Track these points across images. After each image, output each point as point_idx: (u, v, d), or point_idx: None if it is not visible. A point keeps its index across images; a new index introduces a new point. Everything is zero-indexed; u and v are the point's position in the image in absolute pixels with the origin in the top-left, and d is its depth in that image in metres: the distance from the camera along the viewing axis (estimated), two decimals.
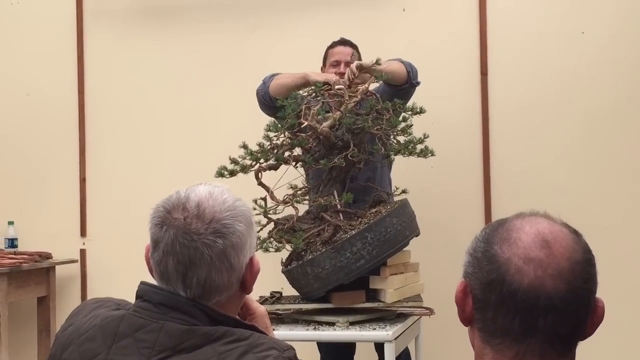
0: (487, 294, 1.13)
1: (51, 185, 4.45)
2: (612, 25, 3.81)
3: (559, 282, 1.09)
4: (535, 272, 1.09)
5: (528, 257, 1.10)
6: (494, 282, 1.12)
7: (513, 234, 1.14)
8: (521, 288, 1.09)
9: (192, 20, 4.31)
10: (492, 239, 1.15)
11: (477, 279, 1.15)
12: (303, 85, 3.17)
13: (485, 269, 1.13)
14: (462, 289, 1.18)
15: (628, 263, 3.70)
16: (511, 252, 1.12)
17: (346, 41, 3.53)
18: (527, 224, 1.15)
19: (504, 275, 1.11)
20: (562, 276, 1.10)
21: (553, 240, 1.12)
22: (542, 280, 1.09)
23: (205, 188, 1.42)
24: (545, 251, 1.11)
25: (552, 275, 1.09)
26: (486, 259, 1.14)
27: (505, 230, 1.15)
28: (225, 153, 2.95)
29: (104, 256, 4.36)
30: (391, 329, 2.70)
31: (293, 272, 2.84)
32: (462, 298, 1.18)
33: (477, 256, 1.16)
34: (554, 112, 3.84)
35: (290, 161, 2.92)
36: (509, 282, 1.10)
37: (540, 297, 1.09)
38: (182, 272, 1.35)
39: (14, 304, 4.16)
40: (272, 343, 1.33)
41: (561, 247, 1.12)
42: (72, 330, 1.41)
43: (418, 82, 3.32)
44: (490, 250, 1.14)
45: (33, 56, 4.51)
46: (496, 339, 1.13)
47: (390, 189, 3.35)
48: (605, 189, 3.77)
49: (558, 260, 1.10)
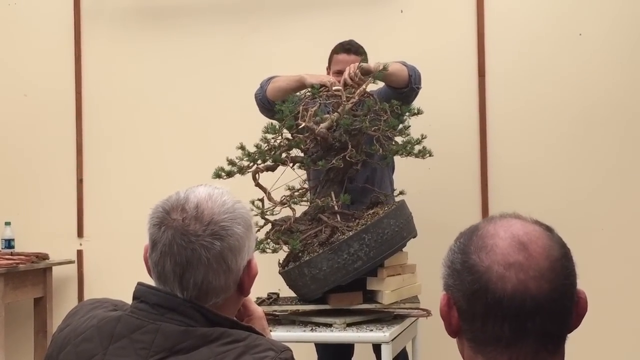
0: (473, 305, 1.13)
1: (48, 186, 4.45)
2: (609, 27, 3.82)
3: (542, 283, 1.09)
4: (517, 277, 1.09)
5: (508, 263, 1.10)
6: (478, 292, 1.11)
7: (489, 241, 1.13)
8: (506, 294, 1.09)
9: (190, 21, 4.30)
10: (468, 248, 1.15)
11: (459, 290, 1.14)
12: (299, 88, 3.17)
13: (466, 280, 1.13)
14: (445, 302, 1.17)
15: (626, 263, 3.70)
16: (490, 259, 1.11)
17: (351, 49, 3.36)
18: (500, 228, 1.15)
19: (486, 284, 1.11)
20: (544, 276, 1.10)
21: (529, 242, 1.12)
22: (525, 284, 1.09)
23: (205, 189, 1.42)
24: (523, 254, 1.11)
25: (534, 277, 1.09)
26: (466, 270, 1.13)
27: (479, 238, 1.15)
28: (222, 154, 2.95)
29: (101, 257, 4.36)
30: (388, 330, 2.70)
31: (290, 273, 2.84)
32: (446, 311, 1.17)
33: (455, 268, 1.16)
34: (551, 114, 3.84)
35: (288, 162, 2.92)
36: (492, 290, 1.10)
37: (526, 300, 1.09)
38: (179, 273, 1.35)
39: (10, 305, 4.15)
40: (269, 344, 1.33)
41: (538, 247, 1.12)
42: (69, 331, 1.41)
43: (419, 87, 3.29)
44: (468, 260, 1.14)
45: (30, 56, 4.51)
46: (487, 347, 1.13)
47: (390, 191, 3.34)
48: (602, 190, 3.77)
49: (537, 260, 1.11)
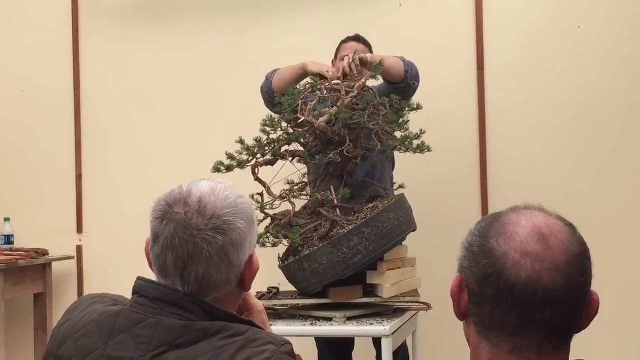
0: (484, 289, 1.13)
1: (47, 182, 4.45)
2: (608, 20, 3.81)
3: (556, 276, 1.09)
4: (533, 266, 1.09)
5: (525, 251, 1.10)
6: (491, 277, 1.11)
7: (509, 228, 1.14)
8: (518, 282, 1.09)
9: (187, 17, 4.30)
10: (488, 232, 1.15)
11: (473, 273, 1.14)
12: (303, 76, 3.17)
13: (481, 263, 1.13)
14: (457, 283, 1.17)
15: (623, 256, 3.70)
16: (508, 246, 1.12)
17: (359, 37, 3.47)
18: (522, 217, 1.15)
19: (501, 269, 1.11)
20: (559, 270, 1.10)
21: (549, 234, 1.12)
22: (540, 274, 1.09)
23: (207, 184, 1.42)
24: (542, 245, 1.11)
25: (549, 269, 1.09)
26: (482, 253, 1.14)
27: (501, 224, 1.15)
28: (221, 148, 2.95)
29: (101, 253, 4.36)
30: (388, 324, 2.70)
31: (290, 267, 2.84)
32: (457, 293, 1.18)
33: (473, 250, 1.16)
34: (550, 107, 3.84)
35: (287, 156, 2.92)
36: (506, 276, 1.10)
37: (538, 291, 1.09)
38: (181, 267, 1.35)
39: (10, 301, 4.15)
40: (269, 338, 1.33)
41: (557, 240, 1.12)
42: (69, 326, 1.41)
43: (414, 83, 3.28)
44: (486, 244, 1.14)
45: (29, 52, 4.50)
46: (493, 333, 1.13)
47: (391, 185, 3.34)
48: (601, 183, 3.77)
49: (555, 253, 1.10)
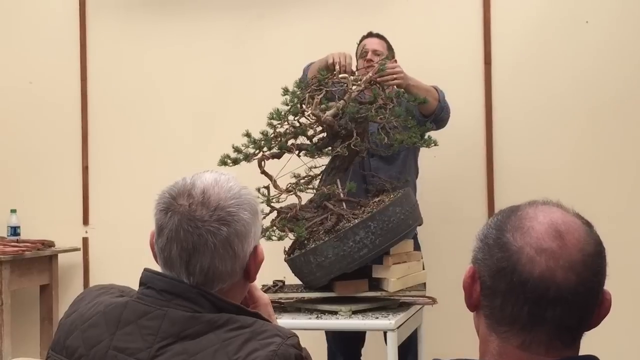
0: (497, 282, 1.12)
1: (54, 174, 4.45)
2: (616, 15, 3.80)
3: (570, 274, 1.09)
4: (547, 263, 1.09)
5: (540, 247, 1.10)
6: (505, 270, 1.11)
7: (526, 223, 1.13)
8: (532, 278, 1.09)
9: (195, 8, 4.29)
10: (505, 226, 1.14)
11: (486, 265, 1.14)
12: (327, 66, 3.17)
13: (496, 256, 1.13)
14: (470, 274, 1.17)
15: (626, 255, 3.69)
16: (524, 241, 1.11)
17: (377, 34, 3.54)
18: (540, 213, 1.14)
19: (515, 263, 1.10)
20: (574, 268, 1.09)
21: (566, 232, 1.11)
22: (554, 272, 1.08)
23: (211, 175, 1.42)
24: (558, 242, 1.10)
25: (563, 266, 1.09)
26: (497, 246, 1.13)
27: (518, 218, 1.14)
28: (228, 141, 2.94)
29: (107, 244, 4.37)
30: (394, 318, 2.70)
31: (296, 260, 2.84)
32: (470, 284, 1.17)
33: (488, 242, 1.15)
34: (557, 102, 3.82)
35: (294, 150, 2.92)
36: (519, 271, 1.09)
37: (551, 288, 1.08)
38: (186, 258, 1.35)
39: (16, 292, 4.16)
40: (276, 330, 1.33)
41: (574, 238, 1.11)
42: (76, 317, 1.41)
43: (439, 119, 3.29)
44: (502, 237, 1.13)
45: (36, 43, 4.50)
46: (503, 326, 1.13)
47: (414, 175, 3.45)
48: (609, 179, 3.76)
49: (570, 251, 1.10)
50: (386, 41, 3.54)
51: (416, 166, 3.54)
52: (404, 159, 3.40)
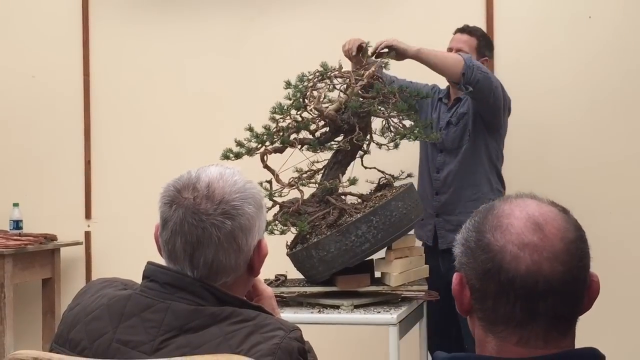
0: (485, 284, 1.13)
1: (56, 168, 4.45)
2: (619, 10, 3.79)
3: (556, 264, 1.10)
4: (532, 257, 1.09)
5: (522, 243, 1.10)
6: (491, 271, 1.11)
7: (504, 220, 1.13)
8: (519, 274, 1.09)
9: (197, 4, 4.29)
10: (483, 227, 1.15)
11: (472, 269, 1.14)
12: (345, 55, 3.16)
13: (480, 259, 1.13)
14: (458, 281, 1.17)
15: (632, 247, 3.70)
16: (505, 239, 1.11)
17: (464, 29, 3.46)
18: (516, 208, 1.15)
19: (500, 263, 1.11)
20: (558, 258, 1.10)
21: (544, 223, 1.12)
22: (539, 265, 1.09)
23: (216, 169, 1.42)
24: (538, 235, 1.11)
25: (548, 258, 1.10)
26: (480, 249, 1.13)
27: (495, 217, 1.15)
28: (230, 136, 2.95)
29: (109, 238, 4.37)
30: (395, 313, 2.71)
31: (298, 255, 2.84)
32: (459, 290, 1.17)
33: (470, 246, 1.15)
34: (560, 96, 3.82)
35: (296, 144, 2.92)
36: (506, 269, 1.10)
37: (539, 282, 1.09)
38: (190, 252, 1.36)
39: (18, 286, 4.17)
40: (279, 324, 1.33)
41: (553, 228, 1.12)
42: (79, 310, 1.42)
43: (468, 88, 3.08)
44: (483, 239, 1.14)
45: (39, 38, 4.50)
46: (498, 327, 1.13)
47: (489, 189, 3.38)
48: (611, 174, 3.76)
49: (552, 242, 1.11)
50: (477, 35, 3.42)
51: (492, 158, 3.40)
52: (465, 153, 3.33)
